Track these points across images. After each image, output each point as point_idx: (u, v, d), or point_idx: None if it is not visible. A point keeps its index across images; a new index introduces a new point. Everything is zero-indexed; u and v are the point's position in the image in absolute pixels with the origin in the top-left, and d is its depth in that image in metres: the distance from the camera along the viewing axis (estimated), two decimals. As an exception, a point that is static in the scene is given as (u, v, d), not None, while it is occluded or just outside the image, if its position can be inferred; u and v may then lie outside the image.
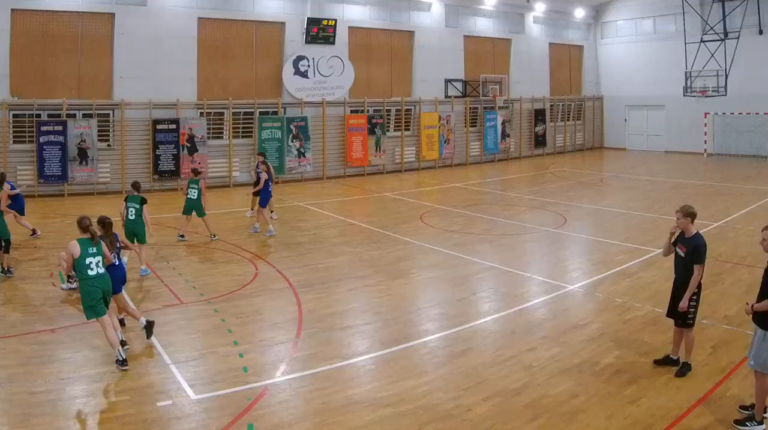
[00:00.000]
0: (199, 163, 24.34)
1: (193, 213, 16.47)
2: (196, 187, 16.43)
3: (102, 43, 24.10)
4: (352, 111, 29.94)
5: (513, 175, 30.62)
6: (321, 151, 28.68)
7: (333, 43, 28.76)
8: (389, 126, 31.22)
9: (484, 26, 35.52)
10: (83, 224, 9.02)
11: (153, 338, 9.70)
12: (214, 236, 16.60)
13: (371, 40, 30.93)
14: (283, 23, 27.92)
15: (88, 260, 8.81)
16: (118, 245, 10.19)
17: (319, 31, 28.25)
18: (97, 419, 7.45)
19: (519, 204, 22.38)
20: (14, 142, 22.76)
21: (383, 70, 31.57)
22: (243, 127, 27.02)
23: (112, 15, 24.03)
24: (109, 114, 24.30)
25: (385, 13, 31.26)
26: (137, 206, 13.29)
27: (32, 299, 11.72)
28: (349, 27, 29.74)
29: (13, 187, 15.77)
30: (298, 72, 28.10)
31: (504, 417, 7.58)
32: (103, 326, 8.87)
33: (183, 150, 24.91)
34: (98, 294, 8.87)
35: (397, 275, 13.72)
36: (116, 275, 9.65)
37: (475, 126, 34.76)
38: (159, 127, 24.55)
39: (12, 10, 22.23)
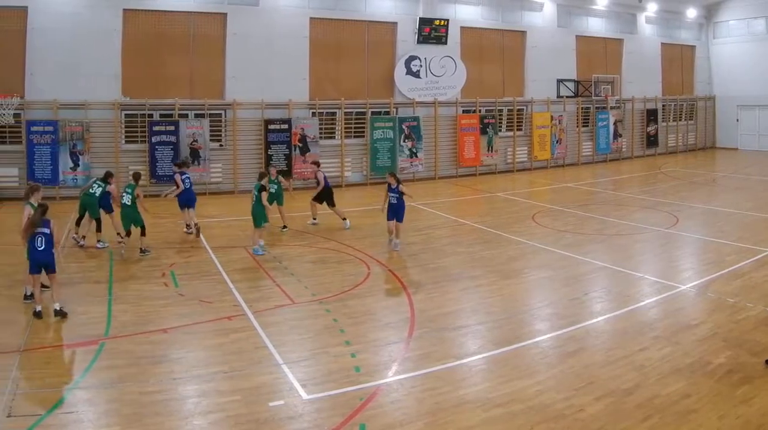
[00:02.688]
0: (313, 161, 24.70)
1: (274, 203, 17.83)
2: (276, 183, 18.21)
3: (214, 43, 24.76)
4: (464, 111, 29.81)
5: (625, 175, 30.09)
6: (433, 151, 28.70)
7: (445, 43, 28.68)
8: (501, 126, 30.91)
9: (596, 26, 34.80)
10: None
11: (266, 338, 9.83)
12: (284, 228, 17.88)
13: (483, 40, 30.67)
14: (395, 23, 28.04)
15: None
16: (47, 231, 10.77)
17: (431, 31, 28.25)
18: (209, 419, 7.50)
19: (631, 204, 21.99)
20: (126, 142, 23.54)
21: (495, 70, 31.28)
22: (355, 127, 27.16)
23: (224, 15, 24.64)
24: (221, 114, 24.91)
25: (497, 13, 30.93)
26: (257, 194, 15.31)
27: (144, 299, 11.93)
28: (461, 27, 29.64)
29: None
30: (410, 72, 28.15)
31: (616, 417, 7.53)
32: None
33: (295, 150, 25.24)
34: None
35: (509, 275, 13.65)
36: (37, 258, 10.65)
37: (587, 126, 34.15)
38: (271, 127, 25.01)
39: (124, 10, 23.01)
